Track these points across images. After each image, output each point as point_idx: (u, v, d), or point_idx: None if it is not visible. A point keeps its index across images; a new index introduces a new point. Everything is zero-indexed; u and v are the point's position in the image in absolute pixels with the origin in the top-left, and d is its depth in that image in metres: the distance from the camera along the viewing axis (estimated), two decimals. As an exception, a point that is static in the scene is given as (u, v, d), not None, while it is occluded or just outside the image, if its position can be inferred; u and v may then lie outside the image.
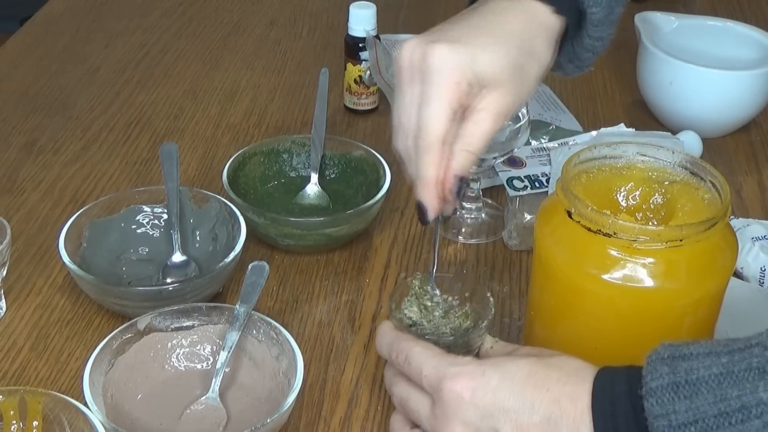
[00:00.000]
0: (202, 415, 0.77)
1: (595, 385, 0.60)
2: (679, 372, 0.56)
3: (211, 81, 1.31)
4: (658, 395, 0.56)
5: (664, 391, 0.56)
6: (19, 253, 0.96)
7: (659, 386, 0.56)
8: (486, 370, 0.64)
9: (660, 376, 0.57)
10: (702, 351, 0.57)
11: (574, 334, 0.73)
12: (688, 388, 0.56)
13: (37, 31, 1.43)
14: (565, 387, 0.61)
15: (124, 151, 1.14)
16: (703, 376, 0.56)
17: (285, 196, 1.03)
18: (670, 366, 0.57)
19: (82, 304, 0.90)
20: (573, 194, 0.70)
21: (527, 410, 0.61)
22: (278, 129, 1.19)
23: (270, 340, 0.79)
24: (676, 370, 0.57)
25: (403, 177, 1.09)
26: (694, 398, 0.55)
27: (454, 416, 0.63)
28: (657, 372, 0.57)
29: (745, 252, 0.91)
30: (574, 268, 0.70)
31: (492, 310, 0.74)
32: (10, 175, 1.09)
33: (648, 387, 0.57)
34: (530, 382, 0.62)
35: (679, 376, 0.56)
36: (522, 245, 0.97)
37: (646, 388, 0.57)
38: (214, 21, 1.48)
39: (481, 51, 0.70)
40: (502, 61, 0.70)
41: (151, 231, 0.96)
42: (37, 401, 0.71)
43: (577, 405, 0.60)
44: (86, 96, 1.26)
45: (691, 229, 0.67)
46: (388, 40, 1.33)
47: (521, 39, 0.72)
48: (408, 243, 0.99)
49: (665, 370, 0.57)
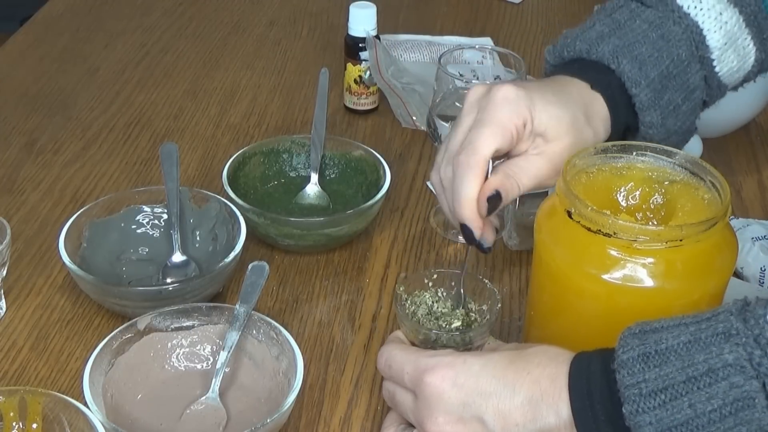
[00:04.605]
0: (202, 415, 0.77)
1: (572, 366, 0.62)
2: (649, 343, 0.58)
3: (211, 81, 1.31)
4: (629, 366, 0.58)
5: (634, 362, 0.58)
6: (19, 253, 0.96)
7: (630, 358, 0.58)
8: (467, 358, 0.65)
9: (630, 349, 0.58)
10: (671, 323, 0.59)
11: (574, 334, 0.73)
12: (658, 357, 0.57)
13: (37, 31, 1.43)
14: (546, 369, 0.62)
15: (124, 151, 1.14)
16: (672, 345, 0.57)
17: (285, 196, 1.03)
18: (640, 339, 0.59)
19: (82, 304, 0.90)
20: (573, 194, 0.70)
21: (509, 393, 0.62)
22: (278, 129, 1.19)
23: (270, 340, 0.79)
24: (645, 342, 0.58)
25: (403, 177, 1.09)
26: (664, 366, 0.57)
27: (436, 407, 0.64)
28: (628, 345, 0.59)
29: (745, 252, 0.91)
30: (574, 268, 0.70)
31: (498, 306, 0.75)
32: (10, 175, 1.09)
33: (619, 360, 0.59)
34: (511, 368, 0.63)
35: (648, 347, 0.58)
36: (522, 245, 0.97)
37: (618, 361, 0.59)
38: (214, 21, 1.48)
39: (544, 100, 0.74)
40: (561, 115, 0.74)
41: (151, 231, 0.96)
42: (37, 401, 0.71)
43: (556, 384, 0.61)
44: (86, 96, 1.26)
45: (691, 229, 0.67)
46: (388, 40, 1.33)
47: (581, 104, 0.76)
48: (408, 243, 0.99)
49: (635, 342, 0.59)
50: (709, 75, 0.79)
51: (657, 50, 0.77)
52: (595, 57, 0.78)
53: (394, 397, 0.70)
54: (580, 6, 1.55)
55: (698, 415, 0.55)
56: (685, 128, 0.81)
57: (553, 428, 0.61)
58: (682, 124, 0.80)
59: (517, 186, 0.73)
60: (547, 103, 0.74)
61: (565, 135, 0.74)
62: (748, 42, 0.79)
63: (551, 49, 0.83)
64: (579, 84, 0.78)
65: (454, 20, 1.49)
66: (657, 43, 0.77)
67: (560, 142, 0.74)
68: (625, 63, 0.77)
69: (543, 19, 1.51)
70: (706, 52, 0.78)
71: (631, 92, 0.77)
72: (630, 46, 0.78)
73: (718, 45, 0.78)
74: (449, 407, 0.64)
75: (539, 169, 0.74)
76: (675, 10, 0.78)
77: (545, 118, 0.73)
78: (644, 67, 0.77)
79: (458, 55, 1.02)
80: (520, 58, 0.97)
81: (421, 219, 1.03)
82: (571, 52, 0.80)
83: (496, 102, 0.73)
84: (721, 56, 0.78)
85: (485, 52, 1.09)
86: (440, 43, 1.36)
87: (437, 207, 1.04)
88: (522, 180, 0.73)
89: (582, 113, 0.75)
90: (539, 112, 0.73)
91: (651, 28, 0.78)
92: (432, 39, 1.39)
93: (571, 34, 0.81)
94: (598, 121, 0.77)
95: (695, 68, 0.78)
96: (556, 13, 1.53)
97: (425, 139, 1.16)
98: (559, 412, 0.61)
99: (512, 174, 0.73)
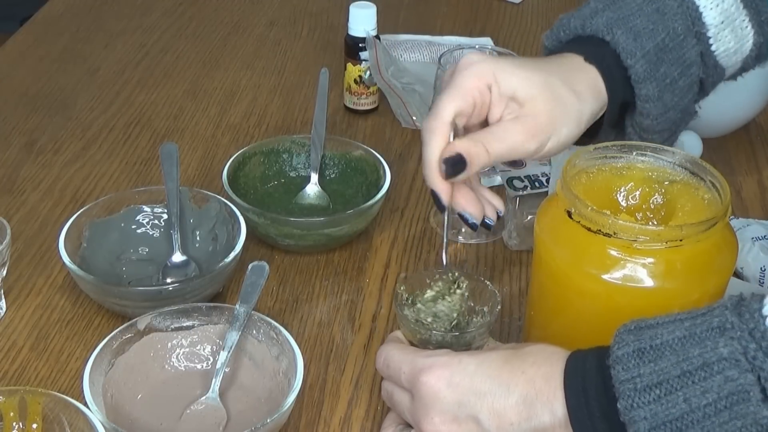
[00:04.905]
0: (202, 415, 0.77)
1: (567, 364, 0.62)
2: (644, 339, 0.58)
3: (211, 81, 1.31)
4: (623, 362, 0.58)
5: (629, 357, 0.58)
6: (19, 253, 0.96)
7: (625, 353, 0.58)
8: (463, 358, 0.65)
9: (626, 345, 0.58)
10: (666, 320, 0.59)
11: (574, 334, 0.73)
12: (653, 352, 0.57)
13: (37, 31, 1.43)
14: (540, 369, 0.62)
15: (124, 151, 1.14)
16: (667, 340, 0.57)
17: (285, 196, 1.03)
18: (636, 335, 0.59)
19: (82, 304, 0.90)
20: (573, 194, 0.70)
21: (503, 393, 0.62)
22: (278, 129, 1.19)
23: (270, 340, 0.79)
24: (640, 338, 0.58)
25: (403, 177, 1.09)
26: (658, 361, 0.57)
27: (432, 407, 0.65)
28: (623, 341, 0.59)
29: (745, 252, 0.91)
30: (574, 268, 0.70)
31: (499, 308, 0.75)
32: (10, 175, 1.09)
33: (614, 356, 0.58)
34: (506, 368, 0.63)
35: (643, 343, 0.58)
36: (522, 245, 0.97)
37: (613, 357, 0.58)
38: (214, 21, 1.48)
39: (512, 65, 0.73)
40: (530, 76, 0.72)
41: (151, 231, 0.96)
42: (37, 401, 0.71)
43: (551, 383, 0.61)
44: (86, 96, 1.26)
45: (691, 229, 0.67)
46: (388, 40, 1.33)
47: (559, 70, 0.74)
48: (408, 243, 0.99)
49: (631, 338, 0.59)
50: (705, 52, 0.78)
51: (652, 23, 0.76)
52: (590, 31, 0.77)
53: (393, 397, 0.70)
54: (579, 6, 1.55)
55: (693, 409, 0.55)
56: (682, 106, 0.79)
57: (548, 427, 0.61)
58: (680, 100, 0.78)
59: (485, 151, 0.70)
60: (516, 66, 0.72)
61: (538, 96, 0.72)
62: (746, 24, 0.78)
63: (548, 34, 0.81)
64: (570, 56, 0.76)
65: (454, 20, 1.49)
66: (652, 16, 0.76)
67: (534, 105, 0.72)
68: (619, 34, 0.75)
69: (543, 19, 1.51)
70: (702, 29, 0.77)
71: (626, 63, 0.75)
72: (624, 18, 0.76)
73: (714, 23, 0.77)
74: (444, 407, 0.64)
75: (511, 134, 0.71)
76: None
77: (514, 80, 0.72)
78: (639, 38, 0.75)
79: (458, 55, 1.02)
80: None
81: (421, 219, 1.03)
82: (566, 32, 0.79)
83: (459, 68, 0.72)
84: (717, 34, 0.77)
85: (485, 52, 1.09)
86: (440, 43, 1.36)
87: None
88: (492, 145, 0.71)
89: (558, 77, 0.73)
90: (507, 75, 0.72)
91: (646, 2, 0.77)
92: (432, 39, 1.39)
93: (566, 16, 0.80)
94: (582, 85, 0.75)
95: (691, 43, 0.77)
96: (556, 13, 1.51)
97: (425, 139, 1.16)
98: (553, 411, 0.61)
99: (480, 139, 0.71)
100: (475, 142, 0.70)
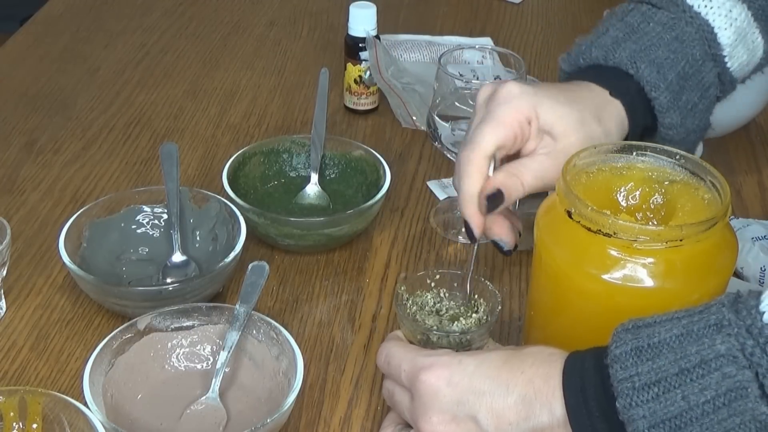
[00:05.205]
0: (202, 415, 0.77)
1: (565, 365, 0.62)
2: (642, 337, 0.58)
3: (211, 81, 1.31)
4: (621, 361, 0.58)
5: (627, 356, 0.58)
6: (19, 253, 0.96)
7: (623, 352, 0.58)
8: (463, 358, 0.65)
9: (623, 343, 0.59)
10: (664, 318, 0.59)
11: (574, 334, 0.73)
12: (650, 350, 0.57)
13: (37, 31, 1.43)
14: (539, 369, 0.63)
15: (124, 151, 1.14)
16: (665, 338, 0.57)
17: (285, 196, 1.03)
18: (633, 333, 0.59)
19: (82, 304, 0.90)
20: (573, 194, 0.70)
21: (502, 392, 0.62)
22: (278, 129, 1.19)
23: (270, 340, 0.79)
24: (638, 336, 0.58)
25: (403, 177, 1.09)
26: (656, 359, 0.57)
27: (430, 406, 0.65)
28: (621, 340, 0.59)
29: (745, 252, 0.91)
30: (574, 268, 0.70)
31: (499, 308, 0.75)
32: (10, 175, 1.09)
33: (612, 355, 0.59)
34: (505, 368, 0.64)
35: (641, 341, 0.58)
36: (522, 245, 0.97)
37: (611, 356, 0.59)
38: (214, 21, 1.48)
39: (550, 99, 0.74)
40: (568, 112, 0.74)
41: (151, 231, 0.96)
42: (37, 401, 0.71)
43: (550, 383, 0.61)
44: (86, 96, 1.26)
45: (691, 229, 0.67)
46: (388, 40, 1.33)
47: (591, 105, 0.76)
48: (408, 243, 0.99)
49: (628, 337, 0.59)
50: (722, 72, 0.80)
51: (672, 52, 0.78)
52: (613, 63, 0.79)
53: (393, 395, 0.70)
54: (580, 6, 1.55)
55: (691, 406, 0.55)
56: (702, 126, 0.81)
57: (546, 427, 0.61)
58: (700, 122, 0.81)
59: (521, 184, 0.73)
60: (554, 101, 0.74)
61: (572, 133, 0.74)
62: (757, 36, 0.79)
63: (566, 57, 0.83)
64: (596, 89, 0.78)
65: (454, 20, 1.49)
66: (672, 45, 0.78)
67: (568, 141, 0.74)
68: (643, 68, 0.77)
69: (543, 19, 1.51)
70: (718, 50, 0.78)
71: (650, 96, 0.77)
72: (646, 50, 0.78)
73: (729, 42, 0.78)
74: (443, 406, 0.64)
75: (545, 168, 0.74)
76: (686, 10, 0.78)
77: (551, 115, 0.73)
78: (662, 70, 0.77)
79: (458, 55, 1.02)
80: (520, 58, 0.97)
81: (421, 219, 1.03)
82: (587, 59, 0.81)
83: (499, 99, 0.73)
84: (732, 52, 0.79)
85: (485, 52, 1.09)
86: (440, 43, 1.36)
87: (437, 207, 1.04)
88: (526, 178, 0.73)
89: (591, 112, 0.75)
90: (545, 110, 0.73)
91: (665, 30, 0.78)
92: (432, 39, 1.39)
93: (585, 41, 0.81)
94: (611, 121, 0.77)
95: (709, 66, 0.79)
96: (556, 13, 1.53)
97: (425, 139, 1.16)
98: (552, 411, 0.61)
99: (516, 172, 0.73)
100: (510, 175, 0.73)
